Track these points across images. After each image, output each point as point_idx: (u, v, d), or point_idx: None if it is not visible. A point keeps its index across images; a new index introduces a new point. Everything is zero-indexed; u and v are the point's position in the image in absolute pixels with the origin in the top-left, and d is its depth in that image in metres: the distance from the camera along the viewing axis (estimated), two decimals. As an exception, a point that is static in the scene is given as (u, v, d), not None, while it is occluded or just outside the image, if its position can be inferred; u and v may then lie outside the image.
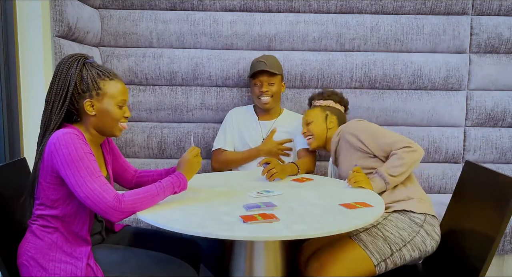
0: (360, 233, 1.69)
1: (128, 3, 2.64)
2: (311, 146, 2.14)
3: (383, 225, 1.72)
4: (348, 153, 1.96)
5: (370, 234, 1.69)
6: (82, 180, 1.33)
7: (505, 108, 2.67)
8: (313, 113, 2.15)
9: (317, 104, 2.19)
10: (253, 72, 2.33)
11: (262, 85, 2.31)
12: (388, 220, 1.74)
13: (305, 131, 2.15)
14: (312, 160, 2.25)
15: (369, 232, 1.70)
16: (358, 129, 1.95)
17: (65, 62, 1.44)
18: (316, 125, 2.11)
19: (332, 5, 2.64)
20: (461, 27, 2.64)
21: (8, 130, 2.07)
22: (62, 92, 1.42)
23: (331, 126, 2.11)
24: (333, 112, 2.15)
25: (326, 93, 2.21)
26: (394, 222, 1.73)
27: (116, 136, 1.54)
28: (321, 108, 2.16)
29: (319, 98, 2.21)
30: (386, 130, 1.94)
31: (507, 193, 1.56)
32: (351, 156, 1.94)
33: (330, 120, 2.12)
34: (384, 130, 1.94)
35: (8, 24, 2.03)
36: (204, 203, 1.55)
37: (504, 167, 2.69)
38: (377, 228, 1.71)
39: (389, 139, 1.86)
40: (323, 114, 2.14)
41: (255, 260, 1.56)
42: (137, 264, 1.45)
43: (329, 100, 2.18)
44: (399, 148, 1.81)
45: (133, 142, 2.65)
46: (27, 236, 1.46)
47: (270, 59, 2.38)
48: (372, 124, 2.00)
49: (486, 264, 1.57)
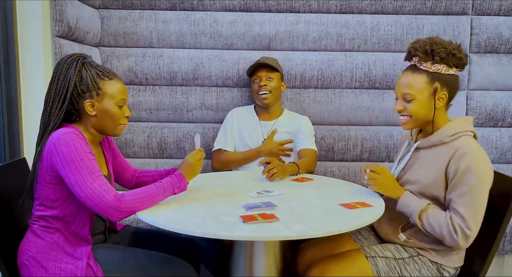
0: (378, 257, 1.56)
1: (128, 3, 2.64)
2: (405, 128, 1.62)
3: (406, 263, 1.56)
4: (427, 169, 1.56)
5: (387, 264, 1.55)
6: (82, 180, 1.33)
7: (505, 108, 2.67)
8: (417, 84, 1.53)
9: (424, 68, 1.54)
10: (251, 68, 2.36)
11: (260, 80, 2.31)
12: (414, 261, 1.57)
13: (400, 108, 1.58)
14: (312, 160, 2.25)
15: (388, 261, 1.56)
16: (473, 171, 1.45)
17: (64, 62, 1.44)
18: (419, 104, 1.54)
19: (332, 5, 2.64)
20: (461, 27, 2.64)
21: (8, 130, 2.07)
22: (62, 92, 1.42)
23: (440, 105, 1.56)
24: (444, 83, 1.53)
25: (436, 50, 1.51)
26: (419, 267, 1.56)
27: (117, 135, 1.54)
28: (428, 75, 1.53)
29: (426, 58, 1.53)
30: (485, 198, 1.48)
31: (507, 193, 1.56)
32: (426, 173, 1.56)
33: (439, 96, 1.54)
34: (483, 197, 1.47)
35: (8, 24, 2.03)
36: (204, 203, 1.55)
37: (504, 167, 2.69)
38: (397, 263, 1.56)
39: (469, 207, 1.45)
40: (430, 86, 1.53)
41: (255, 260, 1.55)
42: (137, 264, 1.45)
43: (441, 65, 1.52)
44: (458, 222, 1.45)
45: (133, 142, 2.65)
46: (28, 236, 1.46)
47: (269, 58, 2.40)
48: (484, 180, 1.47)
49: (486, 264, 1.57)
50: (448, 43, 1.53)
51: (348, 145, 2.65)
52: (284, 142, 2.32)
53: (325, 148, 2.65)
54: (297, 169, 2.04)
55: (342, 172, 2.65)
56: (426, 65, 1.52)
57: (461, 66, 1.54)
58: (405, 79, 1.56)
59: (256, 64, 2.34)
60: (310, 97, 2.65)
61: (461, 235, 1.45)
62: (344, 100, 2.65)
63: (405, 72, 1.58)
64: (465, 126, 1.56)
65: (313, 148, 2.29)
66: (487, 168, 1.48)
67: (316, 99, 2.65)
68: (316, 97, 2.65)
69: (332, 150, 2.65)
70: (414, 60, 1.56)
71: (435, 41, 1.52)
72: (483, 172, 1.46)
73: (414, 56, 1.55)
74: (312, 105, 2.65)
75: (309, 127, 2.38)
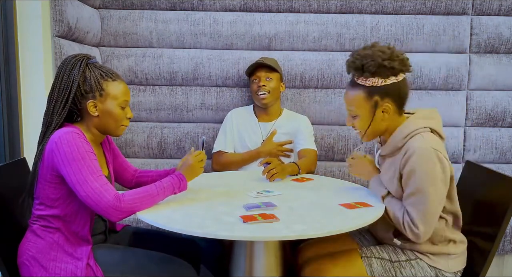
0: (373, 258, 1.55)
1: (128, 3, 2.64)
2: (363, 140, 1.62)
3: (402, 266, 1.55)
4: (390, 175, 1.57)
5: (382, 266, 1.54)
6: (83, 179, 1.33)
7: (505, 108, 2.67)
8: (356, 100, 1.53)
9: (360, 83, 1.52)
10: (250, 68, 2.36)
11: (259, 80, 2.31)
12: (411, 266, 1.55)
13: (350, 124, 1.60)
14: (313, 160, 2.25)
15: (383, 263, 1.55)
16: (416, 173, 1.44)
17: (68, 63, 1.44)
18: (363, 119, 1.54)
19: (332, 5, 2.64)
20: (461, 27, 2.63)
21: (8, 130, 2.07)
22: (65, 92, 1.42)
23: (386, 116, 1.53)
24: (384, 94, 1.50)
25: (365, 65, 1.48)
26: (415, 271, 1.54)
27: (118, 135, 1.55)
28: (365, 90, 1.51)
29: (359, 73, 1.51)
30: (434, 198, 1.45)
31: (507, 193, 1.56)
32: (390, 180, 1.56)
33: (382, 108, 1.51)
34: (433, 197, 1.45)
35: (8, 24, 2.03)
36: (204, 203, 1.55)
37: (504, 167, 2.69)
38: (393, 265, 1.55)
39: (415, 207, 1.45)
40: (369, 101, 1.51)
41: (255, 260, 1.55)
42: (137, 264, 1.45)
43: (375, 78, 1.49)
44: (407, 219, 1.46)
45: (133, 142, 2.65)
46: (28, 236, 1.46)
47: (268, 58, 2.40)
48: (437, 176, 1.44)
49: (486, 264, 1.57)
50: (380, 53, 1.48)
51: (348, 145, 2.65)
52: (284, 143, 2.32)
53: (325, 148, 2.65)
54: (297, 169, 2.04)
55: (342, 172, 2.65)
56: (361, 80, 1.52)
57: (397, 72, 1.49)
58: (347, 96, 1.57)
59: (255, 64, 2.34)
60: (310, 97, 2.65)
61: (409, 232, 1.47)
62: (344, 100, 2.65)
63: (347, 87, 1.58)
64: (418, 123, 1.51)
65: (313, 148, 2.29)
66: (432, 168, 1.43)
67: (316, 99, 2.65)
68: (316, 97, 2.65)
69: (332, 150, 2.65)
70: (352, 74, 1.56)
71: (365, 54, 1.49)
72: (428, 173, 1.43)
73: (350, 71, 1.55)
74: (312, 105, 2.65)
75: (308, 127, 2.38)
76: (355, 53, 1.54)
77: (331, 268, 1.54)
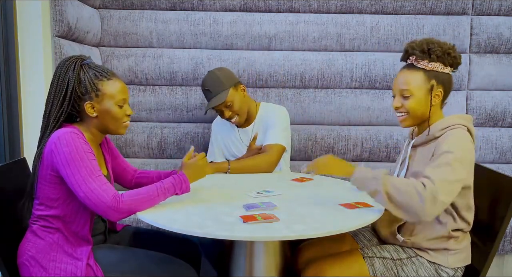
0: (375, 258, 1.56)
1: (128, 3, 2.64)
2: (403, 125, 1.62)
3: (404, 264, 1.55)
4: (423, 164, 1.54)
5: (384, 265, 1.55)
6: (82, 179, 1.33)
7: (505, 108, 2.67)
8: (414, 80, 1.55)
9: (420, 66, 1.56)
10: (206, 110, 2.19)
11: (222, 113, 2.18)
12: (412, 262, 1.56)
13: (398, 105, 1.59)
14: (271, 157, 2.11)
15: (385, 262, 1.55)
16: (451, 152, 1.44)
17: (63, 65, 1.44)
18: (416, 100, 1.56)
19: (332, 5, 2.64)
20: (461, 27, 2.64)
21: (8, 130, 2.07)
22: (60, 95, 1.42)
23: (436, 102, 1.58)
24: (440, 81, 1.56)
25: (432, 48, 1.54)
26: (416, 267, 1.55)
27: (121, 134, 1.54)
28: (425, 73, 1.56)
29: (423, 57, 1.55)
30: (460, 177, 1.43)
31: (507, 193, 1.56)
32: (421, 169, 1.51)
33: (435, 93, 1.56)
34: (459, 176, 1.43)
35: (8, 24, 2.03)
36: (204, 203, 1.55)
37: (504, 167, 2.69)
38: (395, 263, 1.55)
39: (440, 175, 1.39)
40: (427, 84, 1.55)
41: (255, 260, 1.56)
42: (137, 264, 1.45)
43: (437, 63, 1.55)
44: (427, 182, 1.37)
45: (133, 142, 2.65)
46: (28, 236, 1.46)
47: (211, 81, 2.16)
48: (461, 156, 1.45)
49: (486, 264, 1.57)
50: (444, 43, 1.57)
51: (348, 145, 2.65)
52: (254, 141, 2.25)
53: (325, 148, 2.65)
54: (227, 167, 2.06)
55: (342, 172, 2.65)
56: (423, 63, 1.56)
57: (455, 65, 1.58)
58: (402, 77, 1.59)
59: (210, 105, 2.15)
60: (310, 97, 2.65)
61: (429, 195, 1.34)
62: (344, 100, 2.65)
63: (402, 71, 1.61)
64: (458, 121, 1.56)
65: (276, 143, 2.13)
66: (464, 147, 1.48)
67: (316, 99, 2.65)
68: (316, 97, 2.65)
69: (332, 150, 2.65)
70: (411, 59, 1.59)
71: (431, 41, 1.57)
72: (463, 153, 1.45)
73: (411, 55, 1.58)
74: (312, 105, 2.65)
75: (279, 118, 2.21)
76: (417, 40, 1.60)
77: (332, 269, 1.54)
